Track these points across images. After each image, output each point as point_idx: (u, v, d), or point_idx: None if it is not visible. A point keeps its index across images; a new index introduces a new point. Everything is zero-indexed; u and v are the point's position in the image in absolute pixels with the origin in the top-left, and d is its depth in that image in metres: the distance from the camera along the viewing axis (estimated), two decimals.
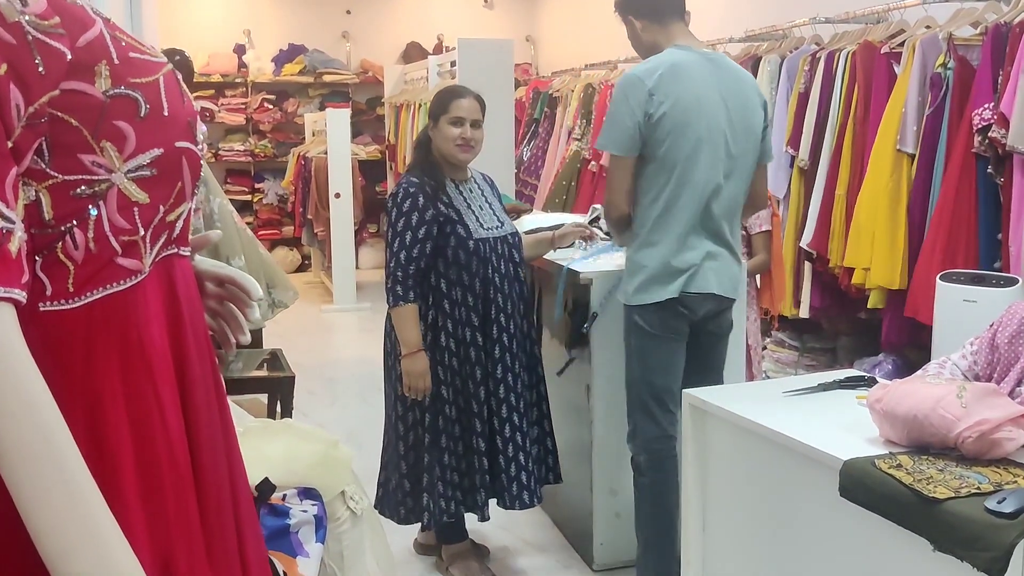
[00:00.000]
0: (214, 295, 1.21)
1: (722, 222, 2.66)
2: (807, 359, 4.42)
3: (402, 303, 2.74)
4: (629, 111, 2.55)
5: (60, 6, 0.88)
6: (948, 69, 3.40)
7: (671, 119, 2.54)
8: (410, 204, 2.77)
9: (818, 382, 2.27)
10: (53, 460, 0.82)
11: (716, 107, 2.60)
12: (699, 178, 2.58)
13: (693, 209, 2.59)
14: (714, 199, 2.61)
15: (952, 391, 1.71)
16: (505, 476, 2.82)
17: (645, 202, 2.62)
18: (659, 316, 2.62)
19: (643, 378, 2.66)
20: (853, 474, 1.72)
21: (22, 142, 0.86)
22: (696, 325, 2.67)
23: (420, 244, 2.75)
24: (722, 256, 2.67)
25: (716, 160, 2.60)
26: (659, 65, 2.58)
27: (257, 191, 9.40)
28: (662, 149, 2.56)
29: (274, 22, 9.48)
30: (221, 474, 1.07)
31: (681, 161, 2.56)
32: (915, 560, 1.61)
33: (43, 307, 0.89)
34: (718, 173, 2.61)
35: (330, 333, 7.05)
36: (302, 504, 1.98)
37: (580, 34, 8.68)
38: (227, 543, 1.06)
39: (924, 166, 3.46)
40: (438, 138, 2.85)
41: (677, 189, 2.58)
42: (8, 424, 0.80)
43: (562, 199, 6.29)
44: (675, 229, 2.60)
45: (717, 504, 2.25)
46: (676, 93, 2.55)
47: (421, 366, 2.74)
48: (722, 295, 2.67)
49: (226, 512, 1.07)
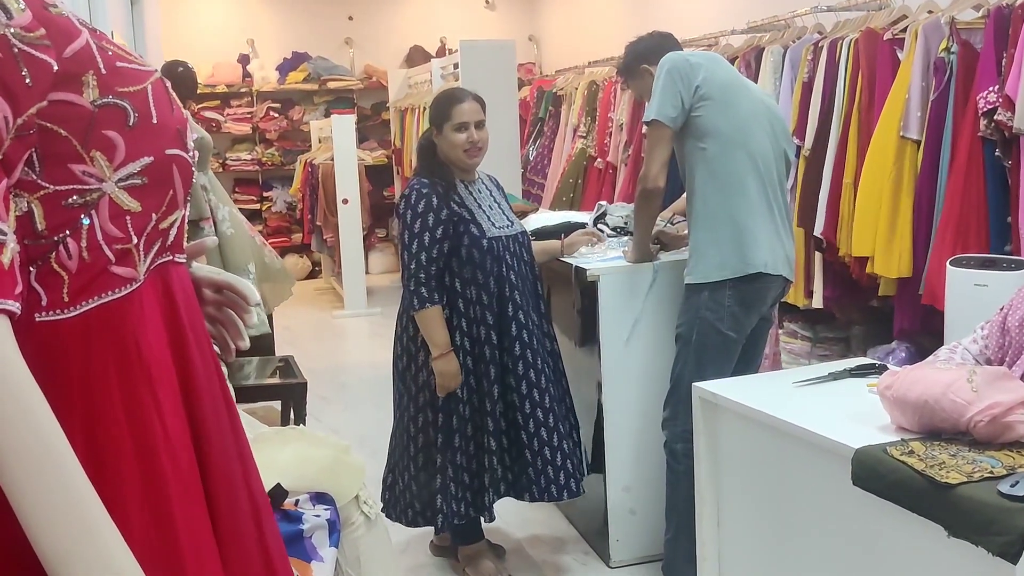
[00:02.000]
0: (212, 301, 1.21)
1: (782, 198, 2.78)
2: (820, 349, 4.40)
3: (428, 305, 2.73)
4: (678, 86, 2.67)
5: (45, 18, 0.88)
6: (951, 53, 3.38)
7: (722, 95, 2.68)
8: (424, 205, 2.76)
9: (828, 371, 2.25)
10: (51, 467, 0.82)
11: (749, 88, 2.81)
12: (756, 151, 2.70)
13: (759, 178, 2.70)
14: (772, 172, 2.74)
15: (963, 376, 1.70)
16: (533, 470, 2.81)
17: (705, 176, 2.71)
18: (737, 293, 2.67)
19: (698, 375, 2.62)
20: (865, 462, 1.70)
21: (12, 154, 0.86)
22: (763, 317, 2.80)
23: (439, 244, 2.75)
24: (785, 233, 2.78)
25: (765, 136, 2.74)
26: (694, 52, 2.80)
27: (265, 199, 9.42)
28: (719, 123, 2.67)
29: (277, 30, 9.50)
30: (235, 480, 1.06)
31: (739, 134, 2.68)
32: (930, 547, 1.60)
33: (39, 318, 0.89)
34: (768, 148, 2.74)
35: (341, 338, 7.06)
36: (315, 509, 1.99)
37: (582, 32, 8.67)
38: (246, 550, 1.06)
39: (930, 152, 3.44)
40: (445, 145, 2.85)
41: (740, 162, 2.69)
42: (6, 433, 0.80)
43: (569, 197, 6.28)
44: (744, 201, 2.69)
45: (730, 497, 2.24)
46: (719, 73, 2.73)
47: (453, 366, 2.74)
48: (788, 279, 2.78)
49: (244, 518, 1.06)
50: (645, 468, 3.04)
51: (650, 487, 3.04)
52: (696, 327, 2.70)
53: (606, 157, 6.04)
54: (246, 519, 1.06)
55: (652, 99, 2.73)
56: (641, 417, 3.02)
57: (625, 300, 2.99)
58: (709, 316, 2.68)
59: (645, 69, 2.93)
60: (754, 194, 2.69)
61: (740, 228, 2.67)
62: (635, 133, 5.53)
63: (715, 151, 2.69)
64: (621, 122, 5.87)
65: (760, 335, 2.86)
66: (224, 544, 1.02)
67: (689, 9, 6.52)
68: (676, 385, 2.75)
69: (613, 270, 3.00)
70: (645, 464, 3.04)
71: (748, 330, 2.75)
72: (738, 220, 2.68)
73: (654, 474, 2.99)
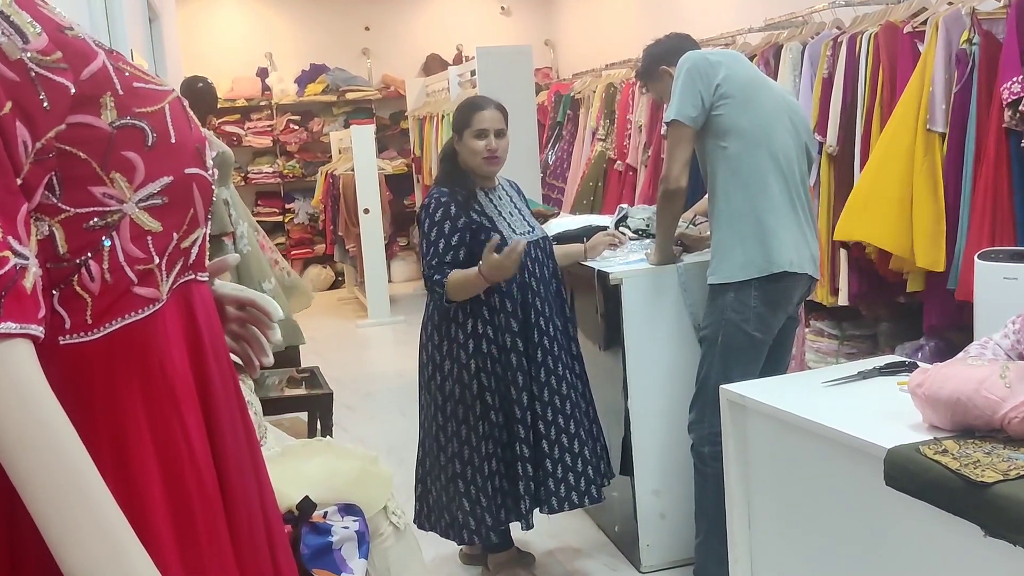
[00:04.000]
0: (235, 318, 1.21)
1: (805, 196, 2.75)
2: (847, 347, 4.35)
3: (444, 278, 2.71)
4: (698, 85, 2.66)
5: (62, 41, 0.89)
6: (973, 45, 3.34)
7: (743, 92, 2.66)
8: (442, 213, 2.76)
9: (857, 370, 2.23)
10: (77, 489, 0.82)
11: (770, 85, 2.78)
12: (779, 149, 2.68)
13: (782, 176, 2.68)
14: (794, 170, 2.72)
15: (995, 371, 1.67)
16: (552, 480, 2.79)
17: (727, 175, 2.69)
18: (763, 292, 2.64)
19: (724, 377, 2.59)
20: (898, 462, 1.68)
21: (32, 178, 0.86)
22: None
23: (453, 251, 2.74)
24: (809, 231, 2.75)
25: (787, 133, 2.72)
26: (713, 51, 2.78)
27: (288, 211, 9.48)
28: (740, 121, 2.66)
29: (295, 43, 9.56)
30: (251, 497, 1.06)
31: (761, 132, 2.66)
32: (966, 547, 1.57)
33: (63, 341, 0.89)
34: (790, 145, 2.72)
35: (366, 348, 7.08)
36: (343, 521, 1.99)
37: (598, 35, 8.66)
38: (261, 566, 1.06)
39: (955, 145, 3.40)
40: (465, 152, 2.85)
41: (762, 161, 2.66)
42: (32, 459, 0.80)
43: (589, 200, 6.27)
44: (768, 200, 2.66)
45: (761, 499, 2.22)
46: (739, 71, 2.71)
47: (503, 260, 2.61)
48: (814, 276, 2.75)
49: (259, 535, 1.06)
50: (674, 471, 3.02)
51: (679, 490, 3.02)
52: (722, 328, 2.68)
53: (626, 159, 6.02)
54: (261, 537, 1.07)
55: (672, 99, 2.71)
56: (668, 420, 3.00)
57: (649, 303, 2.97)
58: (735, 317, 2.65)
59: (664, 71, 2.92)
60: (777, 192, 2.67)
61: (764, 227, 2.65)
62: (654, 134, 5.51)
63: (737, 150, 2.67)
64: (640, 123, 5.85)
65: (787, 335, 2.83)
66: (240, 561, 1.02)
67: (705, 8, 6.50)
68: (702, 388, 2.73)
69: (636, 273, 2.98)
70: (673, 467, 3.02)
71: (775, 330, 2.72)
72: (762, 219, 2.65)
73: (683, 477, 2.97)
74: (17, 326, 0.81)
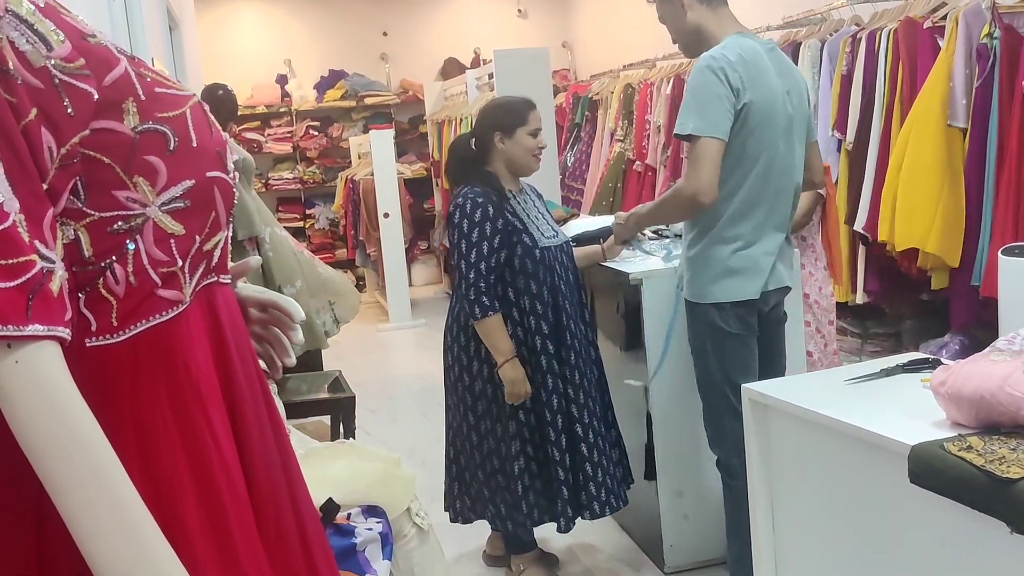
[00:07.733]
0: (258, 320, 1.22)
1: (790, 213, 2.61)
2: (871, 345, 4.33)
3: (490, 313, 2.72)
4: (724, 93, 2.41)
5: (85, 48, 0.90)
6: (994, 39, 3.31)
7: (758, 111, 2.44)
8: (481, 214, 2.74)
9: (880, 368, 2.21)
10: (105, 490, 0.83)
11: (784, 99, 2.51)
12: (779, 172, 2.51)
13: (770, 203, 2.53)
14: (788, 192, 2.57)
15: (1018, 367, 1.65)
16: (593, 484, 2.78)
17: (720, 195, 2.47)
18: (736, 313, 2.54)
19: (726, 379, 2.55)
20: (922, 459, 1.67)
21: (57, 183, 0.88)
22: (763, 316, 2.63)
23: (496, 253, 2.73)
24: (785, 244, 2.63)
25: (791, 153, 2.54)
26: (738, 52, 2.44)
27: (308, 217, 9.53)
28: (748, 140, 2.45)
29: (313, 49, 9.61)
30: (280, 496, 1.07)
31: (764, 154, 2.47)
32: (993, 543, 1.56)
33: (89, 343, 0.91)
34: (793, 167, 2.55)
35: (388, 351, 7.10)
36: (367, 522, 2.00)
37: (615, 35, 8.65)
38: (291, 563, 1.07)
39: (977, 139, 3.37)
40: (515, 149, 2.83)
41: (759, 183, 2.49)
42: (61, 461, 0.82)
43: (609, 201, 6.27)
44: (751, 224, 2.52)
45: (785, 500, 2.21)
46: (758, 83, 2.44)
47: (520, 372, 2.72)
48: (790, 285, 2.66)
49: (289, 533, 1.07)
50: (696, 472, 3.01)
51: (702, 491, 3.01)
52: (708, 335, 2.59)
53: (645, 160, 6.02)
54: (292, 536, 1.07)
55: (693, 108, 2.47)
56: (689, 420, 2.98)
57: (670, 302, 2.96)
58: (716, 321, 2.58)
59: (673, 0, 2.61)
60: (762, 216, 2.53)
61: (742, 255, 2.53)
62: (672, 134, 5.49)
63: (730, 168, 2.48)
64: (659, 124, 5.84)
65: (776, 335, 2.72)
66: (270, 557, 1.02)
67: None
68: (707, 397, 2.65)
69: (656, 273, 2.97)
70: (696, 467, 3.01)
71: (755, 326, 2.61)
72: (741, 243, 2.53)
73: (706, 478, 2.96)
74: (45, 328, 0.82)
